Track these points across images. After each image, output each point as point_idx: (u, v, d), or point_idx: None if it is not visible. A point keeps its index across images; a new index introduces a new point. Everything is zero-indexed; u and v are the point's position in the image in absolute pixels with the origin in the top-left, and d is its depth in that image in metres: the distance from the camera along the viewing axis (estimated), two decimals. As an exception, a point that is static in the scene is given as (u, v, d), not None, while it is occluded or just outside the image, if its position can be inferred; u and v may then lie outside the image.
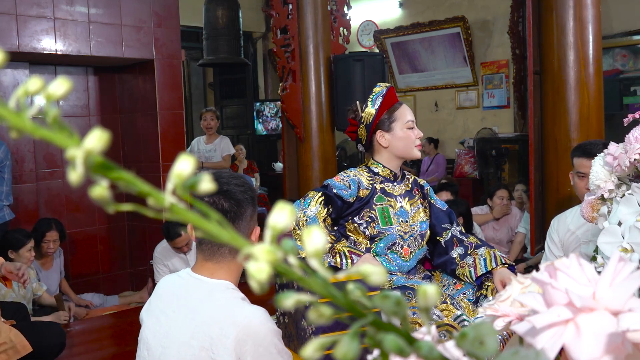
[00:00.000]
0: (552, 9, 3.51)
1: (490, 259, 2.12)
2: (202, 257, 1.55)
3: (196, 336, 1.43)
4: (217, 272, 1.53)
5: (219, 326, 1.41)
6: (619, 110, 5.76)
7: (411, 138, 2.19)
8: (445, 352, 0.41)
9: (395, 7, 7.80)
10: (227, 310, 1.44)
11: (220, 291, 1.49)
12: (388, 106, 2.20)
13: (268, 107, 8.52)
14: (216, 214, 0.35)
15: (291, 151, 5.10)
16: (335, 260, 2.00)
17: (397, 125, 2.19)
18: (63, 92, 0.36)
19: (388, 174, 2.23)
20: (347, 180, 2.16)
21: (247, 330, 1.40)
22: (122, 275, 4.95)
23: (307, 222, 2.05)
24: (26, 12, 3.89)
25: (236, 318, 1.42)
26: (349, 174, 2.20)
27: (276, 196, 5.98)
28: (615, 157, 1.32)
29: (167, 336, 1.49)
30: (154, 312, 1.57)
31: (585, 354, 0.41)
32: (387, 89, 2.22)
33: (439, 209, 2.31)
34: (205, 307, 1.46)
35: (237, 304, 1.46)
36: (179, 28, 4.63)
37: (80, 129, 4.52)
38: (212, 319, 1.43)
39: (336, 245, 2.04)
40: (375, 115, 2.19)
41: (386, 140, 2.20)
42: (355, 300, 0.37)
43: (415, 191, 2.29)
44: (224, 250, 1.53)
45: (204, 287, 1.51)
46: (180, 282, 1.57)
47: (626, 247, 1.19)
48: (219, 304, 1.46)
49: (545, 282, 0.46)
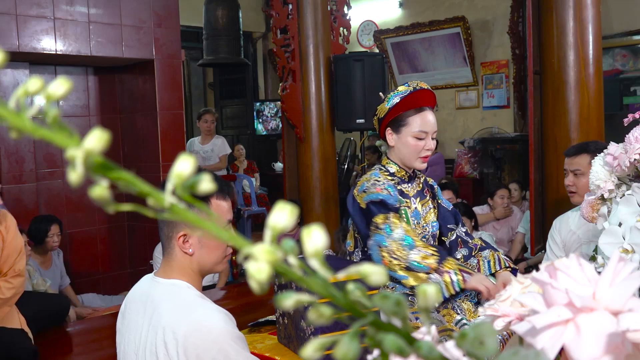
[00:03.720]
0: (552, 9, 3.51)
1: (494, 261, 2.12)
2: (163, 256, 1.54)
3: (155, 342, 1.41)
4: (171, 272, 1.50)
5: (171, 330, 1.39)
6: (619, 110, 5.76)
7: (416, 148, 2.11)
8: (445, 353, 0.41)
9: (395, 7, 7.79)
10: (178, 313, 1.41)
11: (174, 293, 1.46)
12: (405, 108, 2.11)
13: (268, 107, 8.52)
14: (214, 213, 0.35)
15: (291, 151, 5.10)
16: (444, 279, 1.91)
17: (405, 130, 2.12)
18: (63, 92, 0.36)
19: (403, 175, 2.19)
20: (385, 187, 2.09)
21: (198, 334, 1.37)
22: (122, 275, 4.94)
23: (402, 246, 1.94)
24: (26, 12, 3.89)
25: (187, 321, 1.39)
26: (380, 180, 2.12)
27: (276, 196, 5.98)
28: (615, 157, 1.32)
29: (138, 344, 1.47)
30: (126, 320, 1.57)
31: (585, 354, 0.41)
32: (413, 91, 2.10)
33: (445, 208, 2.30)
34: (161, 310, 1.44)
35: (190, 306, 1.43)
36: (179, 28, 4.63)
37: (80, 129, 4.52)
38: (166, 322, 1.40)
39: (445, 264, 1.94)
40: (387, 113, 2.12)
41: (393, 141, 2.15)
42: (355, 300, 0.37)
43: (426, 191, 2.26)
44: (172, 244, 1.49)
45: (160, 290, 1.48)
46: (144, 287, 1.55)
47: (627, 248, 1.19)
48: (170, 307, 1.43)
49: (545, 282, 0.46)
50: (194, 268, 1.50)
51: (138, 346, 1.47)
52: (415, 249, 1.94)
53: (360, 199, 2.10)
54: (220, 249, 1.50)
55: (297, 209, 0.36)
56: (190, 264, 1.49)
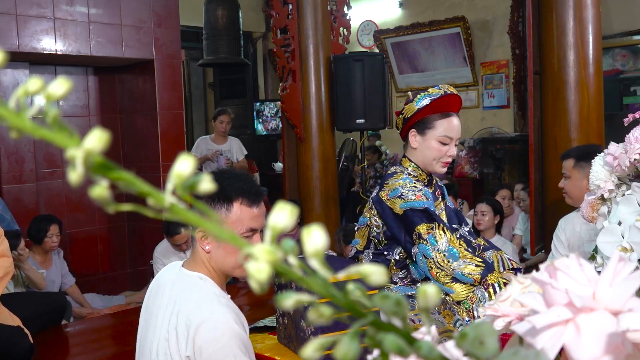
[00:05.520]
0: (552, 9, 3.51)
1: (497, 263, 2.10)
2: (191, 248, 1.59)
3: (168, 328, 1.46)
4: (195, 265, 1.55)
5: (186, 318, 1.43)
6: (619, 110, 5.76)
7: (439, 152, 2.08)
8: (445, 352, 0.41)
9: (395, 7, 7.79)
10: (195, 304, 1.45)
11: (196, 285, 1.50)
12: (434, 111, 2.07)
13: (268, 107, 8.52)
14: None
15: (291, 151, 5.10)
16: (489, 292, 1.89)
17: (430, 133, 2.08)
18: (63, 92, 0.36)
19: (424, 178, 2.15)
20: (423, 193, 2.05)
21: (208, 327, 1.40)
22: (122, 275, 4.94)
23: (446, 257, 1.93)
24: (26, 12, 3.89)
25: (200, 313, 1.42)
26: (416, 185, 2.07)
27: (276, 196, 5.97)
28: (615, 157, 1.32)
29: (155, 326, 1.52)
30: (150, 301, 1.61)
31: (585, 354, 0.41)
32: (444, 95, 2.06)
33: (450, 208, 2.29)
34: (181, 299, 1.48)
35: (208, 300, 1.46)
36: (179, 28, 4.63)
37: (80, 129, 4.51)
38: (183, 311, 1.45)
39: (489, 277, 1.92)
40: (415, 114, 2.08)
41: (416, 142, 2.12)
42: (355, 300, 0.37)
43: (438, 193, 2.24)
44: (195, 239, 1.54)
45: (185, 280, 1.53)
46: (172, 274, 1.59)
47: (626, 247, 1.19)
48: (190, 297, 1.48)
49: (545, 282, 0.46)
50: (214, 266, 1.53)
51: (155, 327, 1.51)
52: (460, 260, 1.93)
53: (394, 205, 2.05)
54: (235, 254, 1.49)
55: (297, 209, 0.36)
56: (210, 261, 1.53)
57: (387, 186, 2.10)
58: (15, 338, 2.63)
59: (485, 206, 3.93)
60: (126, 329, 3.23)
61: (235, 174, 1.55)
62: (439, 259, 1.93)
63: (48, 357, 2.85)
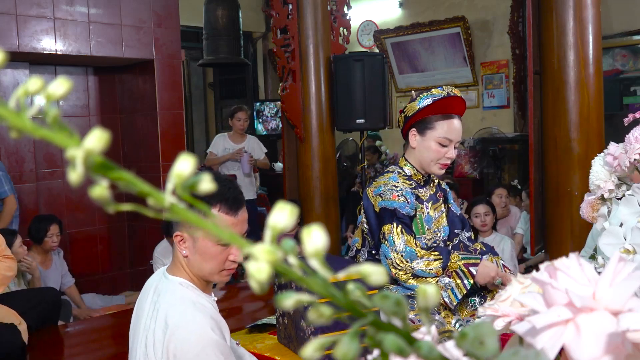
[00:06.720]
0: (552, 9, 3.50)
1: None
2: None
3: (148, 330, 1.46)
4: (175, 269, 1.53)
5: (164, 321, 1.42)
6: (619, 110, 5.76)
7: (437, 154, 2.09)
8: (445, 352, 0.41)
9: (395, 7, 7.79)
10: (174, 308, 1.45)
11: (175, 290, 1.49)
12: (435, 112, 2.08)
13: (268, 107, 8.52)
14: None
15: (291, 151, 5.10)
16: (457, 283, 1.91)
17: (430, 134, 2.09)
18: (63, 92, 0.36)
19: (419, 178, 2.17)
20: (403, 194, 2.07)
21: (183, 331, 1.39)
22: (122, 275, 4.94)
23: (403, 257, 1.96)
24: (26, 12, 3.89)
25: (178, 317, 1.41)
26: (399, 185, 2.10)
27: (276, 196, 5.98)
28: (615, 157, 1.32)
29: (141, 328, 1.52)
30: (139, 305, 1.60)
31: (585, 354, 0.41)
32: (446, 96, 2.07)
33: (454, 213, 2.28)
34: (162, 303, 1.48)
35: (186, 304, 1.45)
36: (179, 28, 4.63)
37: (80, 129, 4.51)
38: (162, 314, 1.44)
39: (450, 264, 1.94)
40: (416, 113, 2.09)
41: (415, 142, 2.13)
42: (355, 300, 0.37)
43: (439, 195, 2.24)
44: (174, 242, 1.52)
45: (166, 284, 1.51)
46: (156, 279, 1.58)
47: (628, 249, 1.19)
48: (170, 301, 1.47)
49: (545, 282, 0.46)
50: (192, 270, 1.51)
51: (140, 331, 1.52)
52: (417, 258, 1.95)
53: (375, 202, 2.08)
54: (214, 260, 1.48)
55: (297, 209, 0.36)
56: (188, 265, 1.51)
57: (375, 183, 2.14)
58: (7, 336, 2.64)
59: (485, 207, 3.99)
60: (126, 329, 3.23)
61: (217, 178, 1.50)
62: (397, 259, 1.97)
63: (48, 357, 2.85)
